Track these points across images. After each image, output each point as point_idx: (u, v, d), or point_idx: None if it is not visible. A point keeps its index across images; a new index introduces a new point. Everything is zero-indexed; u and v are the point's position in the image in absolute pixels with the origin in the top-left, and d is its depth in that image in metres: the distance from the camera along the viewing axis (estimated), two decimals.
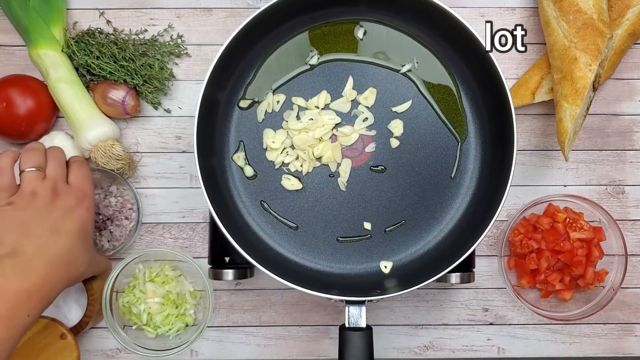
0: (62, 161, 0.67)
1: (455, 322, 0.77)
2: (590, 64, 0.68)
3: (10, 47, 0.77)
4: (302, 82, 0.69)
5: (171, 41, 0.76)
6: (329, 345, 0.76)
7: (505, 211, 0.77)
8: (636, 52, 0.78)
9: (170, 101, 0.77)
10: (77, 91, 0.72)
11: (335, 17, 0.70)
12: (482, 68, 0.65)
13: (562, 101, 0.69)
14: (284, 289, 0.76)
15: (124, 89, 0.73)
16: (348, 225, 0.69)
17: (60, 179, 0.65)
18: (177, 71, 0.77)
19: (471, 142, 0.69)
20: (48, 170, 0.65)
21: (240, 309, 0.76)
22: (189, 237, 0.76)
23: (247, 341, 0.76)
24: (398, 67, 0.70)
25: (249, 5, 0.77)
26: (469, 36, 0.64)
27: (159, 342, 0.73)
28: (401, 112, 0.69)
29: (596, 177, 0.78)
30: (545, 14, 0.72)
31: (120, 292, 0.73)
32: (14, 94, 0.71)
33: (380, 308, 0.77)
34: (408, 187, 0.69)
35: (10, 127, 0.72)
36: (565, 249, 0.72)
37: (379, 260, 0.68)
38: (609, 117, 0.78)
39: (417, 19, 0.68)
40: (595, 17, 0.68)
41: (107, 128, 0.72)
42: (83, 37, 0.74)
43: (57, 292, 0.61)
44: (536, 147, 0.78)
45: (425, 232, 0.69)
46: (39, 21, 0.72)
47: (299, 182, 0.68)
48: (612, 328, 0.77)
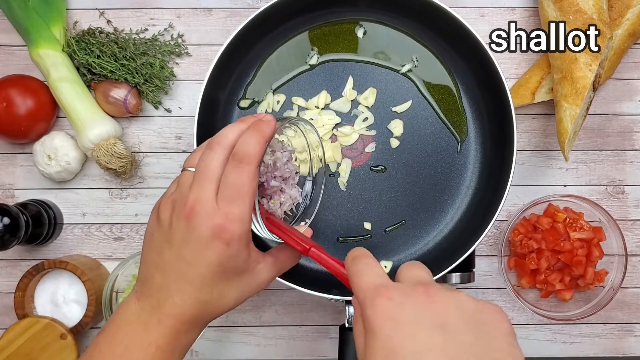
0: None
1: None
2: (590, 64, 0.68)
3: (10, 47, 0.77)
4: (302, 82, 0.69)
5: (171, 40, 0.76)
6: (329, 345, 0.76)
7: (505, 211, 0.77)
8: (636, 52, 0.78)
9: (171, 101, 0.77)
10: (79, 90, 0.72)
11: (335, 17, 0.70)
12: (482, 68, 0.65)
13: (562, 101, 0.69)
14: (284, 289, 0.76)
15: (125, 88, 0.73)
16: (348, 225, 0.69)
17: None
18: (177, 71, 0.77)
19: (471, 142, 0.69)
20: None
21: (240, 308, 0.76)
22: None
23: (247, 341, 0.76)
24: (398, 67, 0.70)
25: (249, 5, 0.77)
26: (469, 36, 0.64)
27: None
28: (401, 112, 0.69)
29: (596, 177, 0.78)
30: (546, 14, 0.72)
31: (120, 292, 0.73)
32: (14, 94, 0.71)
33: None
34: (408, 187, 0.69)
35: (10, 127, 0.72)
36: (565, 249, 0.72)
37: (379, 260, 0.68)
38: (609, 117, 0.78)
39: (417, 19, 0.69)
40: (595, 17, 0.68)
41: (109, 127, 0.72)
42: (83, 37, 0.74)
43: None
44: (536, 147, 0.78)
45: (425, 232, 0.69)
46: (38, 21, 0.72)
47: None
48: (612, 328, 0.77)
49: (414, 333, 0.35)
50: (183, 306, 0.47)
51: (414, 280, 0.40)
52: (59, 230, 0.76)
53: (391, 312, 0.37)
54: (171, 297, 0.47)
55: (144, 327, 0.46)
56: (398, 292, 0.38)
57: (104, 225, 0.76)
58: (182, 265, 0.47)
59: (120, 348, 0.46)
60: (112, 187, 0.76)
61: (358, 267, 0.42)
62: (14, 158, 0.76)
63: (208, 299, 0.47)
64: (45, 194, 0.76)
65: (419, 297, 0.37)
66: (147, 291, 0.48)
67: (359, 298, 0.40)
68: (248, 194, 0.46)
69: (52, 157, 0.72)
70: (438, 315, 0.36)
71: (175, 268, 0.47)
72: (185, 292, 0.47)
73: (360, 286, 0.40)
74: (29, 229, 0.69)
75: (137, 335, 0.46)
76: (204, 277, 0.46)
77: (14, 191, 0.76)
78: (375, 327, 0.36)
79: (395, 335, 0.36)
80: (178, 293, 0.47)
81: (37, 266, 0.70)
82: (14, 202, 0.75)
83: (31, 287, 0.71)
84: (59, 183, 0.76)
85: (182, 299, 0.47)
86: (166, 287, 0.47)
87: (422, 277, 0.40)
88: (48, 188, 0.76)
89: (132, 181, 0.76)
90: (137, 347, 0.46)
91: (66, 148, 0.72)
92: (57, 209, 0.75)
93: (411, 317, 0.36)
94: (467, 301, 0.38)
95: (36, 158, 0.73)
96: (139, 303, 0.48)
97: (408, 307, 0.37)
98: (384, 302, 0.37)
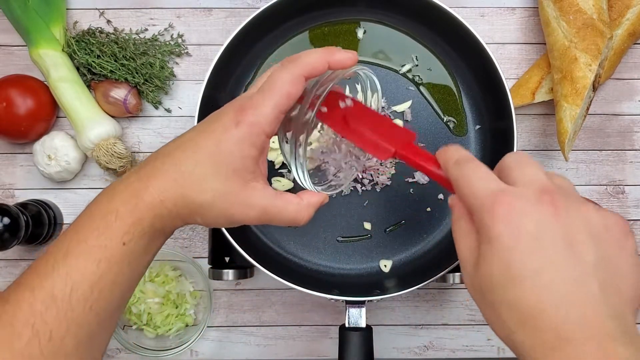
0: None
1: (455, 322, 0.77)
2: (590, 64, 0.68)
3: (10, 47, 0.77)
4: None
5: (171, 40, 0.76)
6: (329, 345, 0.76)
7: None
8: (636, 52, 0.78)
9: (171, 101, 0.77)
10: (79, 90, 0.72)
11: (335, 17, 0.70)
12: (482, 68, 0.65)
13: (562, 101, 0.69)
14: (284, 289, 0.76)
15: (125, 88, 0.73)
16: (348, 225, 0.69)
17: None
18: (177, 71, 0.77)
19: (471, 142, 0.69)
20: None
21: (240, 309, 0.76)
22: (189, 237, 0.76)
23: (247, 341, 0.76)
24: (398, 67, 0.70)
25: (249, 5, 0.77)
26: (469, 36, 0.64)
27: (159, 342, 0.73)
28: (401, 111, 0.69)
29: (596, 177, 0.78)
30: (545, 14, 0.72)
31: None
32: (14, 94, 0.71)
33: (380, 308, 0.77)
34: (408, 186, 0.69)
35: (10, 127, 0.72)
36: None
37: (379, 260, 0.68)
38: (609, 117, 0.78)
39: (417, 19, 0.69)
40: (595, 17, 0.68)
41: (109, 126, 0.72)
42: (83, 37, 0.74)
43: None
44: (536, 147, 0.78)
45: (425, 232, 0.69)
46: (38, 21, 0.72)
47: (289, 181, 0.68)
48: None
49: (536, 249, 0.34)
50: (158, 172, 0.43)
51: (536, 186, 0.36)
52: (59, 230, 0.76)
53: (514, 221, 0.35)
54: (155, 160, 0.44)
55: (115, 192, 0.43)
56: (521, 199, 0.35)
57: None
58: (185, 137, 0.45)
59: (88, 214, 0.43)
60: None
61: (464, 172, 0.39)
62: (14, 158, 0.76)
63: (188, 174, 0.43)
64: (45, 194, 0.76)
65: (545, 208, 0.35)
66: (142, 165, 0.45)
67: (473, 206, 0.38)
68: (279, 90, 0.42)
69: (52, 157, 0.72)
70: (564, 231, 0.34)
71: (181, 140, 0.45)
72: (173, 157, 0.43)
73: (473, 193, 0.38)
74: (29, 229, 0.69)
75: (105, 200, 0.43)
76: (197, 147, 0.43)
77: (14, 191, 0.76)
78: (494, 235, 0.35)
79: (516, 248, 0.34)
80: (166, 157, 0.44)
81: None
82: (14, 202, 0.75)
83: None
84: (59, 183, 0.76)
85: (165, 163, 0.43)
86: (160, 156, 0.44)
87: (543, 182, 0.37)
88: (48, 188, 0.76)
89: None
90: (99, 213, 0.43)
91: (66, 148, 0.72)
92: (57, 209, 0.75)
93: (534, 231, 0.34)
94: (593, 215, 0.36)
95: (36, 158, 0.73)
96: (129, 175, 0.45)
97: (532, 218, 0.35)
98: (506, 209, 0.35)
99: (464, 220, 0.40)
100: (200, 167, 0.43)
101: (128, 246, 0.42)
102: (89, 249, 0.41)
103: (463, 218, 0.40)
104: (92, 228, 0.42)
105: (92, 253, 0.41)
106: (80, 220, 0.43)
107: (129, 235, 0.42)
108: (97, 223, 0.42)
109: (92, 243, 0.41)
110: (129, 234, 0.42)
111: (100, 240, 0.41)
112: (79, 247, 0.41)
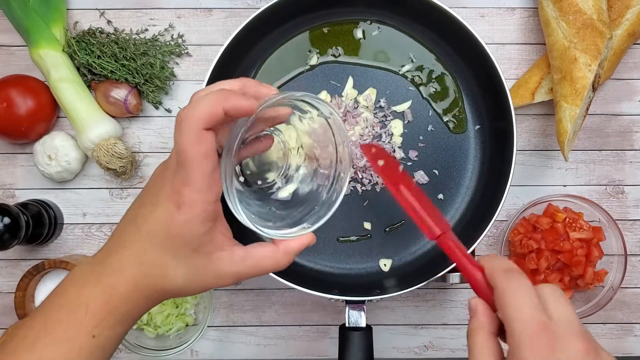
0: None
1: (455, 322, 0.77)
2: (589, 64, 0.68)
3: (10, 47, 0.77)
4: (302, 82, 0.70)
5: (172, 41, 0.76)
6: (329, 345, 0.76)
7: (505, 211, 0.77)
8: (636, 52, 0.78)
9: (171, 101, 0.77)
10: (79, 90, 0.72)
11: (335, 18, 0.70)
12: (482, 68, 0.66)
13: (562, 101, 0.69)
14: (284, 289, 0.76)
15: (126, 88, 0.73)
16: (348, 225, 0.69)
17: None
18: (177, 71, 0.77)
19: (471, 142, 0.69)
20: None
21: (240, 308, 0.76)
22: None
23: (247, 341, 0.76)
24: (398, 68, 0.70)
25: (249, 5, 0.77)
26: (469, 36, 0.64)
27: (159, 342, 0.73)
28: (401, 112, 0.69)
29: (596, 177, 0.78)
30: (545, 14, 0.72)
31: None
32: (15, 94, 0.71)
33: (380, 308, 0.77)
34: None
35: (10, 127, 0.72)
36: (565, 249, 0.72)
37: (379, 259, 0.68)
38: (609, 117, 0.78)
39: (417, 20, 0.69)
40: (595, 18, 0.68)
41: (109, 127, 0.72)
42: (84, 37, 0.74)
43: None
44: (536, 147, 0.78)
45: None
46: (39, 21, 0.72)
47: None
48: (612, 328, 0.77)
49: None
50: (124, 264, 0.42)
51: (573, 326, 0.38)
52: (60, 230, 0.76)
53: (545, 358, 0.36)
54: (117, 252, 0.43)
55: (83, 283, 0.43)
56: (558, 340, 0.37)
57: (105, 225, 0.76)
58: (138, 217, 0.43)
59: (56, 306, 0.42)
60: (113, 187, 0.76)
61: (513, 286, 0.39)
62: (15, 158, 0.76)
63: (151, 264, 0.42)
64: (46, 194, 0.76)
65: (577, 356, 0.37)
66: (105, 246, 0.44)
67: (512, 327, 0.38)
68: (192, 159, 0.40)
69: (52, 157, 0.72)
70: None
71: (132, 218, 0.43)
72: (132, 249, 0.42)
73: (519, 315, 0.38)
74: (29, 229, 0.69)
75: (73, 292, 0.43)
76: (151, 236, 0.42)
77: (14, 191, 0.76)
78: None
79: None
80: (125, 249, 0.43)
81: (37, 266, 0.70)
82: (15, 202, 0.75)
83: (31, 287, 0.71)
84: (60, 183, 0.76)
85: (125, 255, 0.42)
86: (118, 240, 0.43)
87: (576, 323, 0.38)
88: (48, 188, 0.76)
89: (132, 181, 0.76)
90: (67, 306, 0.42)
91: (66, 148, 0.73)
92: (57, 209, 0.76)
93: None
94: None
95: (36, 158, 0.73)
96: (92, 258, 0.44)
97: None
98: (543, 346, 0.37)
99: (488, 334, 0.40)
100: (160, 257, 0.42)
101: (99, 338, 0.42)
102: (57, 341, 0.41)
103: (487, 331, 0.40)
104: (59, 320, 0.42)
105: (60, 346, 0.41)
106: (48, 310, 0.43)
107: (99, 329, 0.42)
108: (66, 316, 0.42)
109: (61, 335, 0.41)
110: (99, 327, 0.42)
111: (69, 333, 0.41)
112: (46, 339, 0.41)
